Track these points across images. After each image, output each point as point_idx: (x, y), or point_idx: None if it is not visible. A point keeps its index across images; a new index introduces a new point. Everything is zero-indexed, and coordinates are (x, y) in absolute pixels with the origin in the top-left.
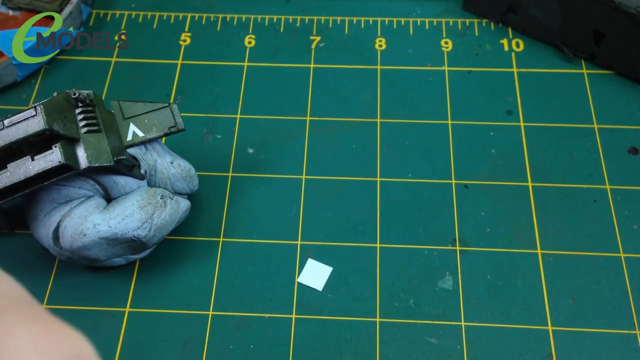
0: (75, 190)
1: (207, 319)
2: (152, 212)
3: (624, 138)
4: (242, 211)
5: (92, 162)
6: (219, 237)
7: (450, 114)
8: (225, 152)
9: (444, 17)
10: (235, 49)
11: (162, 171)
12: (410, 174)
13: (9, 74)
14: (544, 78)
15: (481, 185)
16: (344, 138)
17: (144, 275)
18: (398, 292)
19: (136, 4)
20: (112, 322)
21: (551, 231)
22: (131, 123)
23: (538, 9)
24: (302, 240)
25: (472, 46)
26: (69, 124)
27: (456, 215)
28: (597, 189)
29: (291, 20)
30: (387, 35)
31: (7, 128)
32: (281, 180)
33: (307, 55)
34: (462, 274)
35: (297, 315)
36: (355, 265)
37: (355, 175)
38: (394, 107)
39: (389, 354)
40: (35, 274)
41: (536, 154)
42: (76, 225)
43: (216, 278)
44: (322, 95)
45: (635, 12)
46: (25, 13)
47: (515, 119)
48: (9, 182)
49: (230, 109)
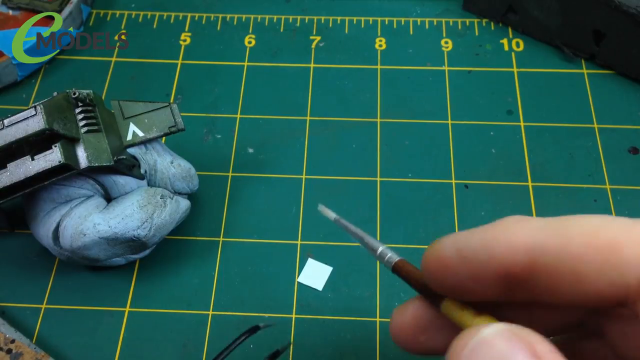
0: (75, 190)
1: (207, 319)
2: (152, 211)
3: (624, 138)
4: (242, 211)
5: (92, 161)
6: (219, 237)
7: (450, 113)
8: (225, 152)
9: (444, 17)
10: (235, 49)
11: (162, 171)
12: (410, 173)
13: (9, 74)
14: (544, 78)
15: (481, 185)
16: (344, 138)
17: (144, 275)
18: (398, 292)
19: (136, 4)
20: (112, 322)
21: None
22: (131, 123)
23: (538, 9)
24: (302, 240)
25: (472, 46)
26: (69, 123)
27: (456, 215)
28: (597, 189)
29: (291, 20)
30: (387, 35)
31: (7, 128)
32: (281, 180)
33: (307, 55)
34: None
35: (297, 315)
36: (355, 265)
37: (355, 175)
38: (394, 107)
39: (389, 354)
40: (35, 274)
41: (536, 154)
42: (76, 225)
43: (216, 278)
44: (322, 95)
45: (635, 12)
46: (25, 13)
47: (515, 119)
48: (9, 181)
49: (230, 109)
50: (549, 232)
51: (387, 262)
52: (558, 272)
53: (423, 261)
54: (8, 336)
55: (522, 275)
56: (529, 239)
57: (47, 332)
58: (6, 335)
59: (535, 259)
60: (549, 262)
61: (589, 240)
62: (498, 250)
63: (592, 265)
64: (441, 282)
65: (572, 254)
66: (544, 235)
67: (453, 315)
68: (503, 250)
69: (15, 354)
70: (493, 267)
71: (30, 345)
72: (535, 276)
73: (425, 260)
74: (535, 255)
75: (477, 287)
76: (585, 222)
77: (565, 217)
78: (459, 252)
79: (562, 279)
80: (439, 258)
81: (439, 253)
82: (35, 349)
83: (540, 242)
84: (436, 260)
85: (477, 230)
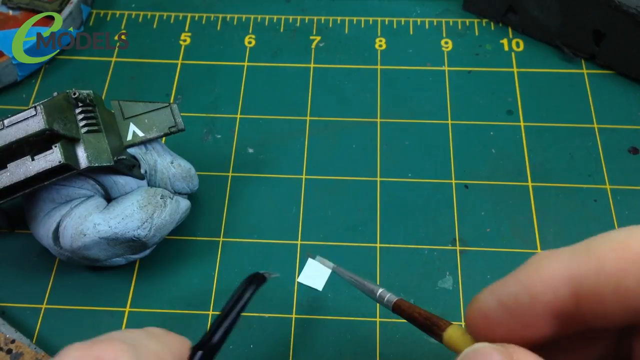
0: (75, 190)
1: (207, 319)
2: (152, 212)
3: (624, 138)
4: (242, 211)
5: (92, 162)
6: (219, 237)
7: (450, 114)
8: (225, 152)
9: (444, 17)
10: (235, 49)
11: (162, 171)
12: (410, 173)
13: (9, 74)
14: (544, 78)
15: (481, 185)
16: (344, 138)
17: (144, 275)
18: (398, 292)
19: (136, 4)
20: (112, 322)
21: (551, 231)
22: (131, 123)
23: (538, 9)
24: (302, 240)
25: (472, 46)
26: (69, 123)
27: (456, 215)
28: (597, 189)
29: (291, 20)
30: (387, 35)
31: (7, 128)
32: (281, 180)
33: (307, 55)
34: (462, 274)
35: (297, 315)
36: (355, 265)
37: (355, 175)
38: (394, 107)
39: (389, 354)
40: (35, 274)
41: (536, 154)
42: (76, 225)
43: (216, 278)
44: (322, 95)
45: (635, 12)
46: (25, 13)
47: (515, 119)
48: (9, 182)
49: (230, 109)
50: (581, 258)
51: (387, 302)
52: (602, 294)
53: (467, 320)
54: (8, 336)
55: (569, 308)
56: (565, 271)
57: (47, 332)
58: (6, 336)
59: (576, 288)
60: (591, 286)
61: (622, 255)
62: (538, 290)
63: (632, 278)
64: (491, 336)
65: (610, 273)
66: (576, 262)
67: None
68: (543, 289)
69: (15, 354)
70: (538, 308)
71: (30, 345)
72: (582, 305)
73: (469, 318)
74: (575, 284)
75: (527, 332)
76: (612, 238)
77: (590, 240)
78: (501, 304)
79: (608, 299)
80: (483, 314)
81: (482, 309)
82: (35, 349)
83: (576, 270)
84: (481, 317)
85: (511, 277)
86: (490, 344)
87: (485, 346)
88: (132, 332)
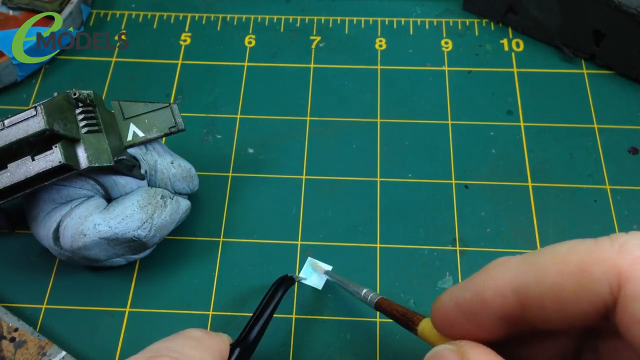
0: (76, 190)
1: (207, 319)
2: (152, 212)
3: (624, 138)
4: (242, 211)
5: (92, 162)
6: (219, 237)
7: (450, 114)
8: (225, 152)
9: (444, 17)
10: (235, 49)
11: (162, 171)
12: (410, 174)
13: (9, 74)
14: (544, 78)
15: (481, 185)
16: (344, 138)
17: (144, 275)
18: (398, 292)
19: (136, 4)
20: (112, 322)
21: (551, 231)
22: (131, 123)
23: (538, 9)
24: (302, 240)
25: (472, 46)
26: (69, 124)
27: (456, 215)
28: (597, 189)
29: (291, 20)
30: (387, 35)
31: (8, 128)
32: (281, 180)
33: (307, 55)
34: (462, 274)
35: (297, 315)
36: (355, 265)
37: (355, 175)
38: (394, 107)
39: (389, 354)
40: (35, 274)
41: (536, 154)
42: (76, 225)
43: (216, 278)
44: (322, 95)
45: (635, 12)
46: (25, 13)
47: (515, 119)
48: (9, 182)
49: (230, 109)
50: (527, 268)
51: (370, 302)
52: (543, 303)
53: (431, 318)
54: (11, 325)
55: (516, 313)
56: (512, 279)
57: (47, 333)
58: (9, 324)
59: (521, 296)
60: (534, 295)
61: (561, 268)
62: (488, 296)
63: (569, 291)
64: (451, 333)
65: (550, 284)
66: (522, 272)
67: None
68: (492, 295)
69: (18, 342)
70: (489, 312)
71: (33, 333)
72: (527, 311)
73: (432, 317)
74: (520, 292)
75: (481, 331)
76: (555, 251)
77: (539, 251)
78: (457, 306)
79: (549, 308)
80: (443, 314)
81: (441, 309)
82: (38, 336)
83: (522, 280)
84: (442, 317)
85: (467, 282)
86: (445, 345)
87: (443, 348)
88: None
